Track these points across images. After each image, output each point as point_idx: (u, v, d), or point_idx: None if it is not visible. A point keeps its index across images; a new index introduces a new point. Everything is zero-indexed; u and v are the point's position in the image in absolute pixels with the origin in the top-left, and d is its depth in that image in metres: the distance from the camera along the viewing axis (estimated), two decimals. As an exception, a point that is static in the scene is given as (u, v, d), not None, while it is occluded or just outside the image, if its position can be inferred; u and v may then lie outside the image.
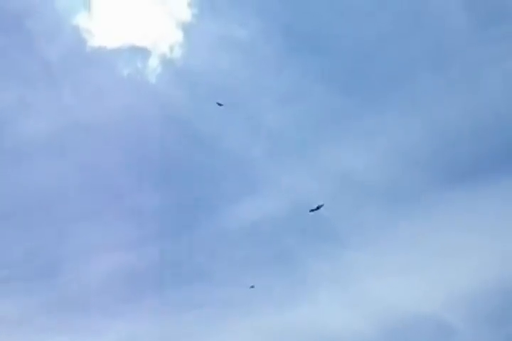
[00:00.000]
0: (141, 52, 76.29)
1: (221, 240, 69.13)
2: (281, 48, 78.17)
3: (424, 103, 75.28)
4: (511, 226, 66.79)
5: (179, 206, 70.89)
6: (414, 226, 68.35)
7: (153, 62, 76.16)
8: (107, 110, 73.93)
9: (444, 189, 71.01)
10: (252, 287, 63.95)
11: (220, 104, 68.63)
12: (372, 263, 67.21)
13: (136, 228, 69.46)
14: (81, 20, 76.35)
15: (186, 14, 77.43)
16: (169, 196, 71.23)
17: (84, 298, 65.38)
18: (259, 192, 72.00)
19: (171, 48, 76.80)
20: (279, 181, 72.47)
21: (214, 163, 73.54)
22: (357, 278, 66.68)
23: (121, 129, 73.13)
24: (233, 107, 75.07)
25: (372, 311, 65.02)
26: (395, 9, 78.18)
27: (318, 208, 64.72)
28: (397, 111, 75.15)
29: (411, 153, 73.88)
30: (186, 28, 77.16)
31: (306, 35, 78.33)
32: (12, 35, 75.76)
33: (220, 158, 73.67)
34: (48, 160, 71.44)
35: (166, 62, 76.45)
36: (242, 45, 77.78)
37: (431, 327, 64.70)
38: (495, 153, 71.67)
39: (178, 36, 77.03)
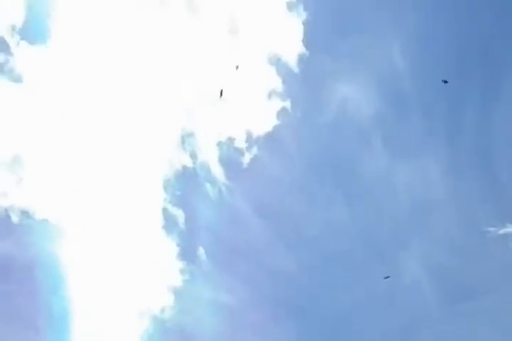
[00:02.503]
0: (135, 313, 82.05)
1: None
2: (265, 313, 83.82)
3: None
4: None
5: None
6: None
7: (145, 323, 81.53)
8: None
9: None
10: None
11: None
12: None
13: None
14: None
15: (178, 279, 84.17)
16: None
17: None
18: None
19: (163, 310, 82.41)
20: None
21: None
22: None
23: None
24: None
25: None
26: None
27: None
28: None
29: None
30: (177, 292, 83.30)
31: (288, 301, 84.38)
32: (20, 286, 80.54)
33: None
34: None
35: (157, 323, 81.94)
36: (229, 309, 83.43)
37: None
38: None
39: (169, 299, 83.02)
